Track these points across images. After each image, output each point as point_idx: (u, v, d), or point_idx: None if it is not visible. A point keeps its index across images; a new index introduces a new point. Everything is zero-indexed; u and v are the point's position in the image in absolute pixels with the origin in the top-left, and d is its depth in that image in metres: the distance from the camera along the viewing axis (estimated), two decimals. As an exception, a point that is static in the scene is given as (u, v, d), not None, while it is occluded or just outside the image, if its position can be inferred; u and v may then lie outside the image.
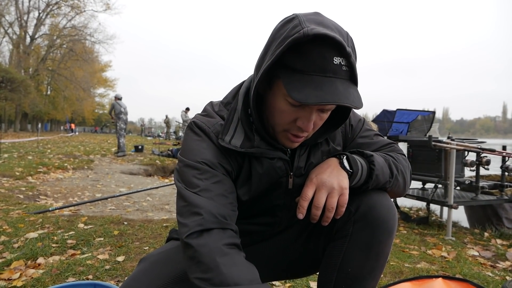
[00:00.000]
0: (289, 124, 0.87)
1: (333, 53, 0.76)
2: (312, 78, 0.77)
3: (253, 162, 0.95)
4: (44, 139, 17.19)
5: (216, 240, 0.79)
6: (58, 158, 8.59)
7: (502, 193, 3.89)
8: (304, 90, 0.76)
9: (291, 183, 0.99)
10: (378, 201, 0.95)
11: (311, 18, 0.80)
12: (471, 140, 4.23)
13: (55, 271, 1.91)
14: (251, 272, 0.80)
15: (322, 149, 1.02)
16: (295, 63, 0.78)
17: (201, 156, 0.89)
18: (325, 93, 0.75)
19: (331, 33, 0.75)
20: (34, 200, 4.18)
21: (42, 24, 34.59)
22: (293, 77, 0.78)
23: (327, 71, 0.77)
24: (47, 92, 41.28)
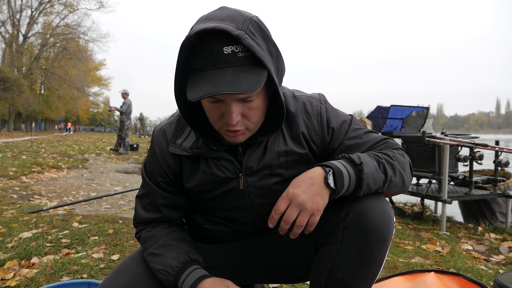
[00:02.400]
0: (219, 121, 0.88)
1: (221, 44, 0.78)
2: (205, 74, 0.80)
3: (202, 161, 1.00)
4: (38, 139, 17.09)
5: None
6: (52, 158, 8.54)
7: (495, 187, 3.92)
8: (196, 87, 0.79)
9: (242, 183, 0.99)
10: (370, 207, 0.90)
11: (205, 16, 0.84)
12: (464, 136, 4.26)
13: (49, 271, 1.91)
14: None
15: (278, 150, 0.98)
16: (194, 63, 0.82)
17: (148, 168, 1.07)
18: (209, 86, 0.77)
19: (212, 25, 0.77)
20: (28, 200, 4.16)
21: (35, 23, 34.33)
22: (193, 78, 0.82)
23: (218, 63, 0.79)
24: (40, 91, 40.96)
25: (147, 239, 1.03)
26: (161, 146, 1.02)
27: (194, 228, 1.15)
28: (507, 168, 4.00)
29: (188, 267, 0.96)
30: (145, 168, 1.08)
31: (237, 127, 0.87)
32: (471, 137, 4.14)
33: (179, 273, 0.94)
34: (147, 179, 1.06)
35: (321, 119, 1.01)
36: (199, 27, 0.78)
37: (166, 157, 1.02)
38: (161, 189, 1.04)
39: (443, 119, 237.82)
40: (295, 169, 0.99)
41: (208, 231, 1.11)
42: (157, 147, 1.03)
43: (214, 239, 1.12)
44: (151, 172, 1.05)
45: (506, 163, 3.83)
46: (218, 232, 1.10)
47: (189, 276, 0.93)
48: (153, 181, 1.05)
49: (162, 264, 0.96)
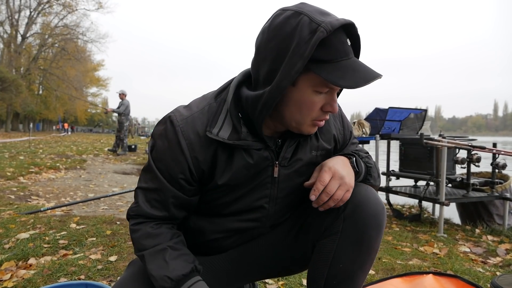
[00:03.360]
0: (318, 112, 0.90)
1: (344, 36, 0.84)
2: (342, 64, 0.83)
3: (239, 152, 0.95)
4: (36, 139, 17.05)
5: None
6: (50, 158, 8.52)
7: (492, 189, 3.92)
8: (346, 76, 0.81)
9: (277, 171, 1.00)
10: (366, 197, 0.99)
11: (314, 9, 0.83)
12: (462, 138, 4.27)
13: (46, 272, 1.90)
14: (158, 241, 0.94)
15: (311, 144, 1.03)
16: (323, 55, 0.82)
17: (163, 163, 0.94)
18: (362, 73, 0.82)
19: (343, 20, 0.81)
20: (25, 201, 4.15)
21: (34, 23, 34.27)
22: (327, 68, 0.82)
23: (347, 53, 0.84)
24: (39, 91, 40.88)
25: (149, 236, 0.94)
26: (189, 139, 0.91)
27: (196, 235, 1.07)
28: (504, 170, 4.01)
29: (192, 277, 0.91)
30: (156, 160, 0.95)
31: (328, 116, 0.94)
32: (469, 139, 4.14)
33: (182, 282, 0.89)
34: (159, 175, 0.94)
35: (342, 120, 1.13)
36: (334, 22, 0.80)
37: (197, 151, 0.92)
38: (177, 187, 0.95)
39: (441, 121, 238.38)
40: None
41: (217, 240, 1.06)
42: (184, 140, 0.91)
43: (219, 248, 1.09)
44: (167, 167, 0.93)
45: (503, 166, 3.84)
46: (228, 238, 1.07)
47: (192, 287, 0.89)
48: (169, 178, 0.93)
49: (165, 270, 0.90)
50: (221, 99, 0.96)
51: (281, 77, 0.82)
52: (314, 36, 0.78)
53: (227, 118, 0.93)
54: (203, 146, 0.92)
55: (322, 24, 0.79)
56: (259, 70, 0.88)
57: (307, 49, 0.79)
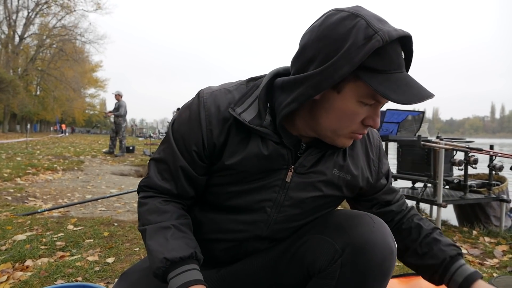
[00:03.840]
0: (358, 124, 0.84)
1: (399, 48, 0.79)
2: (395, 76, 0.77)
3: (256, 139, 0.90)
4: (33, 140, 17.00)
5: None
6: (47, 159, 8.50)
7: (489, 191, 3.95)
8: (398, 90, 0.76)
9: (290, 176, 0.93)
10: (370, 239, 0.86)
11: (372, 16, 0.78)
12: (459, 140, 4.29)
13: (43, 273, 1.89)
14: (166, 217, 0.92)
15: (336, 161, 0.96)
16: (376, 64, 0.76)
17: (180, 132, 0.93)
18: (416, 90, 0.77)
19: (402, 31, 0.77)
20: (22, 202, 4.13)
21: (31, 24, 34.20)
22: (378, 78, 0.77)
23: (401, 66, 0.79)
24: (36, 92, 40.79)
25: (156, 211, 0.92)
26: (209, 111, 0.90)
27: (194, 230, 1.01)
28: (501, 172, 4.03)
29: (189, 262, 0.87)
30: (175, 130, 0.94)
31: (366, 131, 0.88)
32: (466, 141, 4.16)
33: (177, 264, 0.85)
34: (174, 144, 0.93)
35: (379, 153, 1.05)
36: (392, 32, 0.75)
37: (213, 125, 0.90)
38: (188, 160, 0.92)
39: (438, 123, 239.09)
40: (337, 189, 0.98)
41: (207, 241, 1.00)
42: (204, 111, 0.90)
43: (209, 251, 1.02)
44: (183, 136, 0.92)
45: (500, 167, 3.86)
46: (220, 243, 1.00)
47: (185, 273, 0.84)
48: (182, 147, 0.92)
49: (164, 248, 0.85)
50: (254, 85, 0.93)
51: (322, 77, 0.77)
52: (369, 43, 0.73)
53: (254, 103, 0.90)
54: (219, 121, 0.90)
55: (379, 32, 0.74)
56: (302, 68, 0.82)
57: (358, 55, 0.74)
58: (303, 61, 0.82)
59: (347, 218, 0.93)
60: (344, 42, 0.75)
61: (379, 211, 1.07)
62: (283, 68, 0.93)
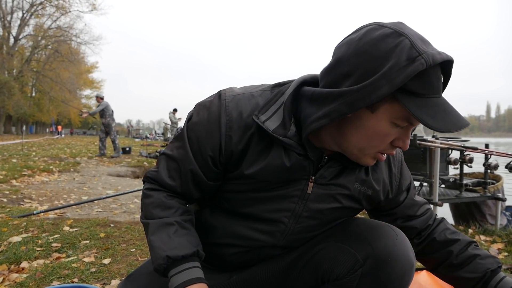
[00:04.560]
0: (386, 145, 0.83)
1: (440, 72, 0.76)
2: (433, 101, 0.75)
3: (278, 150, 0.87)
4: (29, 142, 16.91)
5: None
6: (43, 161, 8.46)
7: (485, 190, 3.97)
8: (436, 116, 0.74)
9: (311, 187, 0.91)
10: (392, 253, 0.86)
11: (416, 36, 0.75)
12: (455, 139, 4.31)
13: (39, 275, 1.88)
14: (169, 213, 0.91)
15: (358, 175, 0.94)
16: (416, 87, 0.73)
17: (197, 134, 0.89)
18: (454, 117, 0.75)
19: (446, 55, 0.74)
20: (18, 204, 4.11)
21: (26, 25, 34.01)
22: (416, 102, 0.74)
23: (439, 91, 0.76)
24: (31, 93, 40.55)
25: (160, 205, 0.91)
26: (230, 116, 0.86)
27: (204, 234, 1.00)
28: (496, 171, 4.05)
29: (191, 260, 0.86)
30: (190, 130, 0.90)
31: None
32: (462, 141, 4.18)
33: (179, 262, 0.85)
34: (188, 145, 0.89)
35: (401, 168, 1.03)
36: (436, 56, 0.72)
37: (233, 131, 0.86)
38: (200, 163, 0.89)
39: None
40: (356, 202, 0.98)
41: (218, 246, 0.99)
42: (225, 115, 0.86)
43: (220, 255, 1.01)
44: (199, 138, 0.88)
45: (495, 166, 3.88)
46: (231, 247, 0.99)
47: (186, 271, 0.84)
48: (196, 149, 0.89)
49: (166, 245, 0.85)
50: (279, 91, 0.89)
51: (359, 96, 0.74)
52: (412, 66, 0.70)
53: (279, 111, 0.86)
54: (241, 127, 0.86)
55: (423, 54, 0.71)
56: (335, 82, 0.79)
57: (399, 76, 0.71)
58: (338, 75, 0.78)
59: (369, 228, 0.92)
60: (386, 61, 0.72)
61: (403, 225, 1.05)
62: (311, 76, 0.90)
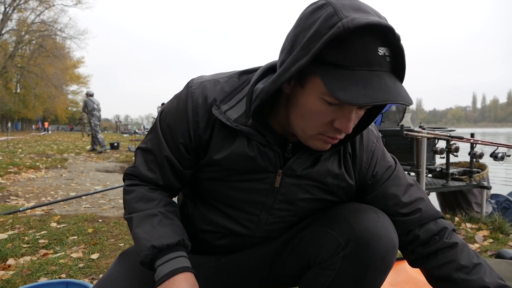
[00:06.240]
0: (325, 126, 0.76)
1: (377, 43, 0.67)
2: (357, 73, 0.67)
3: (242, 139, 0.86)
4: (14, 139, 16.61)
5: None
6: (29, 158, 8.33)
7: (471, 179, 4.04)
8: (350, 88, 0.66)
9: (279, 181, 0.89)
10: (374, 235, 0.84)
11: (347, 4, 0.69)
12: (441, 129, 4.36)
13: (26, 272, 1.86)
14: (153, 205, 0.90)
15: (330, 168, 0.89)
16: (335, 57, 0.68)
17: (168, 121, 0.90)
18: (376, 90, 0.66)
19: (375, 19, 0.66)
20: (4, 201, 4.04)
21: (9, 19, 33.16)
22: (335, 74, 0.68)
23: (372, 64, 0.67)
24: (16, 90, 39.74)
25: (142, 199, 0.90)
26: (196, 102, 0.86)
27: (189, 223, 0.99)
28: (481, 159, 4.12)
29: (177, 250, 0.84)
30: (163, 120, 0.91)
31: (343, 135, 0.79)
32: (448, 131, 4.24)
33: (164, 252, 0.83)
34: (160, 134, 0.90)
35: (372, 158, 0.94)
36: (360, 19, 0.65)
37: (199, 116, 0.86)
38: (174, 152, 0.89)
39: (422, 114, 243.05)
40: (332, 194, 0.94)
41: (204, 232, 0.99)
42: (191, 102, 0.87)
43: (207, 246, 1.01)
44: (170, 126, 0.89)
45: (480, 155, 3.95)
46: (215, 234, 0.98)
47: (172, 261, 0.82)
48: (169, 138, 0.89)
49: (151, 235, 0.83)
50: (246, 79, 0.88)
51: (281, 70, 0.73)
52: (329, 32, 0.65)
53: (243, 100, 0.85)
54: (206, 113, 0.86)
55: (344, 19, 0.65)
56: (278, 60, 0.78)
57: (316, 45, 0.67)
58: (279, 54, 0.78)
59: (352, 212, 0.90)
60: (307, 32, 0.69)
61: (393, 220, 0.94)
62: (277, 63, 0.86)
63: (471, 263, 0.89)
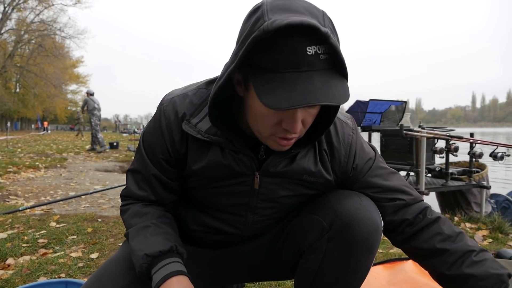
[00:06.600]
0: (274, 127, 0.76)
1: (305, 42, 0.65)
2: (284, 76, 0.67)
3: (215, 148, 0.88)
4: (14, 138, 16.58)
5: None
6: (29, 157, 8.33)
7: (470, 178, 4.03)
8: (275, 92, 0.66)
9: (257, 183, 0.91)
10: (355, 216, 0.86)
11: (276, 5, 0.69)
12: (441, 129, 4.37)
13: (25, 271, 1.86)
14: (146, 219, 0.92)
15: (306, 167, 0.90)
16: (264, 61, 0.68)
17: (148, 141, 0.94)
18: (298, 93, 0.65)
19: (298, 19, 0.64)
20: (3, 201, 4.04)
21: (8, 19, 33.11)
22: (264, 78, 0.69)
23: (300, 65, 0.66)
24: (16, 89, 39.72)
25: (137, 215, 0.93)
26: (169, 119, 0.89)
27: (181, 226, 1.04)
28: (481, 159, 4.12)
29: (170, 256, 0.86)
30: (144, 140, 0.95)
31: (295, 135, 0.78)
32: (448, 130, 4.24)
33: (158, 259, 0.85)
34: (144, 154, 0.94)
35: (349, 150, 0.95)
36: (281, 21, 0.64)
37: (173, 131, 0.89)
38: (158, 168, 0.93)
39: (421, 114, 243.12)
40: (312, 189, 0.96)
41: (196, 232, 1.03)
42: (164, 119, 0.89)
43: (202, 243, 1.05)
44: (150, 145, 0.93)
45: (480, 155, 3.95)
46: (208, 234, 1.02)
47: (165, 267, 0.84)
48: (151, 156, 0.93)
49: (144, 245, 0.86)
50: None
51: (219, 77, 0.76)
52: (253, 35, 0.66)
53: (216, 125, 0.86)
54: (178, 127, 0.89)
55: (266, 22, 0.65)
56: None
57: (243, 47, 0.68)
58: None
59: (335, 197, 0.93)
60: (240, 37, 0.72)
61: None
62: None
63: (454, 232, 0.93)
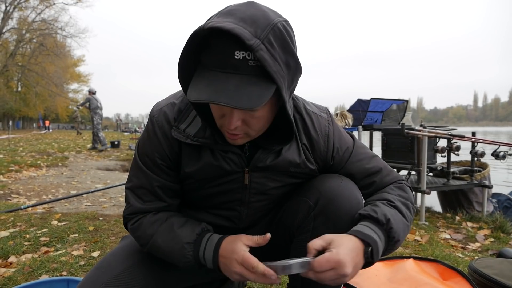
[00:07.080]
0: (220, 119, 0.84)
1: (233, 47, 0.72)
2: (210, 73, 0.75)
3: (206, 151, 0.94)
4: (15, 137, 16.62)
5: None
6: (31, 156, 8.34)
7: (472, 177, 4.02)
8: (197, 86, 0.74)
9: (247, 178, 0.97)
10: (338, 193, 0.94)
11: (228, 10, 0.76)
12: (442, 128, 4.35)
13: (27, 269, 1.87)
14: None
15: (291, 160, 0.96)
16: (203, 58, 0.77)
17: (144, 151, 0.97)
18: (209, 90, 0.72)
19: (229, 25, 0.70)
20: (5, 199, 4.05)
21: (10, 18, 33.14)
22: (199, 72, 0.77)
23: (226, 66, 0.73)
24: (17, 88, 39.79)
25: (153, 223, 0.95)
26: (163, 128, 0.94)
27: None
28: (483, 158, 4.11)
29: (205, 234, 0.93)
30: (140, 154, 0.98)
31: (236, 132, 0.83)
32: (449, 129, 4.23)
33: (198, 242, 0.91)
34: (143, 167, 0.96)
35: (327, 140, 1.01)
36: (215, 23, 0.71)
37: (169, 138, 0.93)
38: (160, 174, 0.96)
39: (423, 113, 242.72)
40: (298, 178, 1.02)
41: None
42: (158, 128, 0.94)
43: None
44: (148, 155, 0.96)
45: (481, 154, 3.94)
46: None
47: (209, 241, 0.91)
48: (152, 167, 0.95)
49: (179, 238, 0.91)
50: None
51: None
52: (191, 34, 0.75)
53: (198, 115, 0.91)
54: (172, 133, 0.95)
55: (209, 20, 0.75)
56: None
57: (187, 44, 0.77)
58: None
59: (319, 179, 1.00)
60: None
61: None
62: None
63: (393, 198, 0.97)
